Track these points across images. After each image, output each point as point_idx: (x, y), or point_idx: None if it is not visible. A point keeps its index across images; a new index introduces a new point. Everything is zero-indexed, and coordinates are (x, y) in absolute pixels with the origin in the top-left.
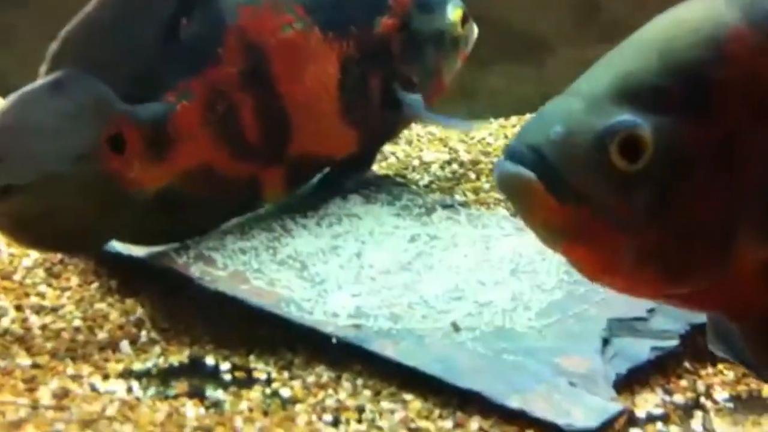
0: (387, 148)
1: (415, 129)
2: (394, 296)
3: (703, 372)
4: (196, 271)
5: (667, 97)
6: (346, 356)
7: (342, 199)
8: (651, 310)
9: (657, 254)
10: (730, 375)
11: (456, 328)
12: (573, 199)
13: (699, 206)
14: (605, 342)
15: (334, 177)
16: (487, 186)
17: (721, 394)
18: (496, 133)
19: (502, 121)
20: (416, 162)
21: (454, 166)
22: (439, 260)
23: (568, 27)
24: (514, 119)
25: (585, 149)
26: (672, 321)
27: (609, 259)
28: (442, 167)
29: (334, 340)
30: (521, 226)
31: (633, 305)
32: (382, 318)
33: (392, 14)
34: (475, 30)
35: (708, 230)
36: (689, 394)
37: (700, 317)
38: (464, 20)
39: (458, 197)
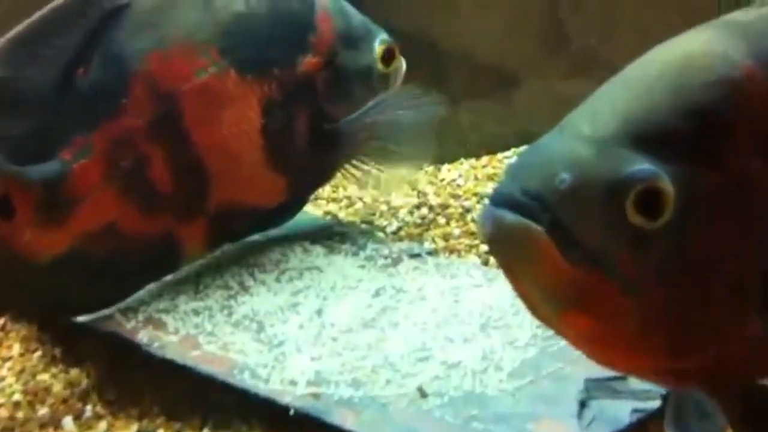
0: (354, 192)
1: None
2: (357, 358)
3: None
4: (144, 336)
5: (684, 141)
6: (305, 428)
7: (303, 251)
8: None
9: (668, 321)
10: None
11: (422, 393)
12: (585, 259)
13: (717, 265)
14: (582, 404)
15: (259, 225)
16: (457, 232)
17: None
18: (466, 175)
19: (473, 161)
20: (384, 207)
21: (423, 210)
22: (405, 316)
23: (535, 59)
24: (484, 159)
25: (597, 203)
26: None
27: (614, 329)
28: (410, 212)
29: (291, 412)
30: (492, 275)
31: None
32: (344, 384)
33: (315, 52)
34: (403, 65)
35: (725, 291)
36: None
37: None
38: (388, 55)
39: (427, 244)
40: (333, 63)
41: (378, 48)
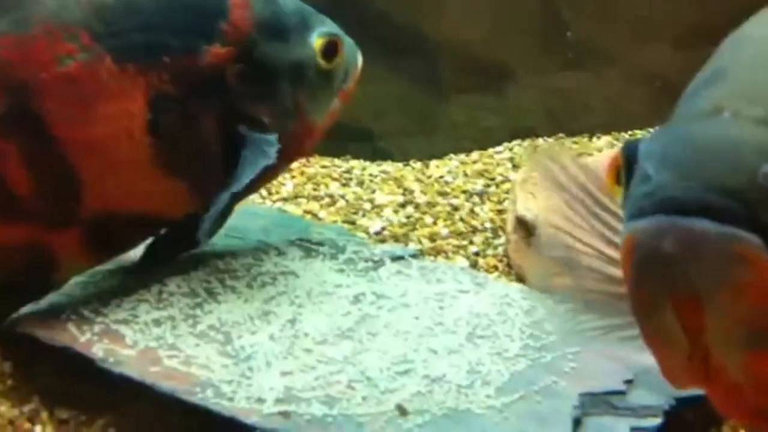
0: (336, 189)
1: (369, 168)
2: (332, 372)
3: None
4: (99, 350)
5: None
6: None
7: (278, 254)
8: (629, 382)
9: None
10: None
11: (402, 411)
12: None
13: None
14: (577, 422)
15: (166, 242)
16: (444, 231)
17: None
18: (455, 171)
19: (463, 157)
20: (367, 205)
21: (409, 209)
22: (386, 324)
23: (529, 52)
24: (475, 155)
25: None
26: (653, 394)
27: None
28: (395, 211)
29: None
30: (480, 280)
31: (608, 376)
32: (316, 402)
33: (225, 41)
34: (359, 62)
35: None
36: None
37: (685, 390)
38: (330, 50)
39: (412, 246)
40: (250, 55)
41: (317, 41)
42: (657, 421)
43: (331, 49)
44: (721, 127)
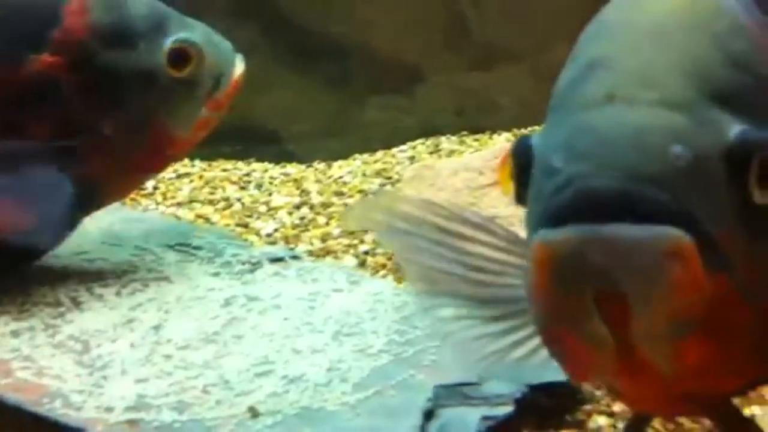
0: (233, 193)
1: (271, 171)
2: (189, 377)
3: None
4: None
5: (750, 95)
6: None
7: (155, 259)
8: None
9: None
10: None
11: (254, 413)
12: (722, 264)
13: None
14: (429, 415)
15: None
16: (336, 232)
17: None
18: (355, 171)
19: (366, 157)
20: (263, 208)
21: (304, 210)
22: (253, 327)
23: (439, 53)
24: (379, 154)
25: (718, 183)
26: (506, 383)
27: (729, 352)
28: (290, 212)
29: None
30: (357, 278)
31: (464, 368)
32: (167, 408)
33: (56, 50)
34: (237, 68)
35: None
36: None
37: (538, 377)
38: (179, 58)
39: (302, 246)
40: (89, 64)
41: (167, 49)
42: (508, 408)
43: (179, 57)
44: (622, 113)
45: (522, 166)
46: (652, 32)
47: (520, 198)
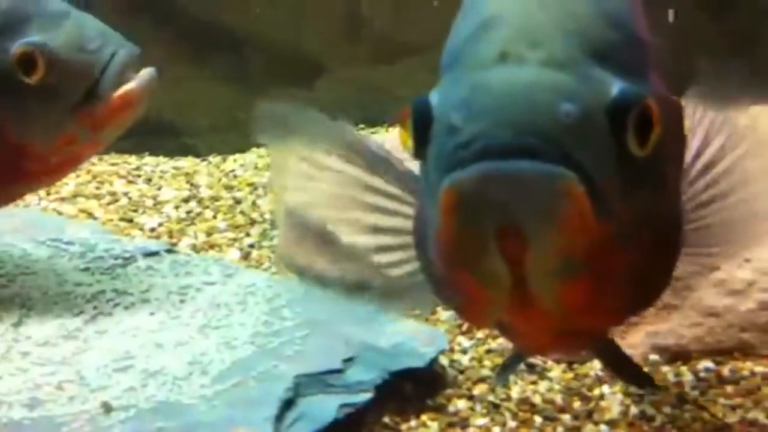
0: (120, 187)
1: (161, 165)
2: (44, 374)
3: (404, 426)
4: None
5: (630, 54)
6: None
7: (23, 254)
8: (349, 360)
9: (638, 269)
10: (433, 427)
11: (107, 408)
12: (607, 209)
13: (672, 199)
14: (289, 404)
15: None
16: (223, 225)
17: None
18: (248, 164)
19: (262, 150)
20: (150, 202)
21: (192, 203)
22: (117, 322)
23: (335, 44)
24: None
25: (603, 134)
26: (369, 370)
27: (607, 291)
28: (177, 206)
29: None
30: (232, 271)
31: (328, 357)
32: (18, 405)
33: None
34: (129, 84)
35: (674, 230)
36: None
37: (400, 363)
38: (26, 63)
39: (186, 240)
40: None
41: (13, 53)
42: (368, 396)
43: (27, 62)
44: (514, 73)
45: (421, 123)
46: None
47: (418, 153)
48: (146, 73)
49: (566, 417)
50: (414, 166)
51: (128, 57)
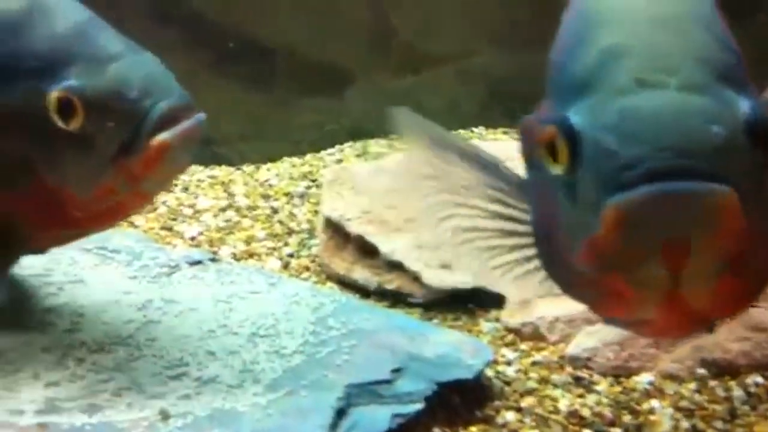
0: (158, 196)
1: (197, 174)
2: (101, 380)
3: None
4: None
5: (738, 73)
6: None
7: (71, 262)
8: (397, 370)
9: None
10: None
11: (165, 415)
12: (749, 215)
13: None
14: (341, 413)
15: None
16: (261, 234)
17: None
18: (282, 174)
19: (295, 159)
20: (188, 210)
21: (230, 213)
22: (168, 330)
23: (364, 56)
24: (308, 157)
25: (742, 149)
26: (418, 381)
27: (749, 284)
28: (215, 215)
29: None
30: (275, 281)
31: (376, 367)
32: (78, 411)
33: None
34: (165, 134)
35: None
36: None
37: (448, 375)
38: (68, 109)
39: (226, 249)
40: None
41: (51, 96)
42: (418, 406)
43: (66, 107)
44: (660, 98)
45: (572, 145)
46: (656, 19)
47: (569, 171)
48: (188, 123)
49: (616, 431)
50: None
51: (171, 107)
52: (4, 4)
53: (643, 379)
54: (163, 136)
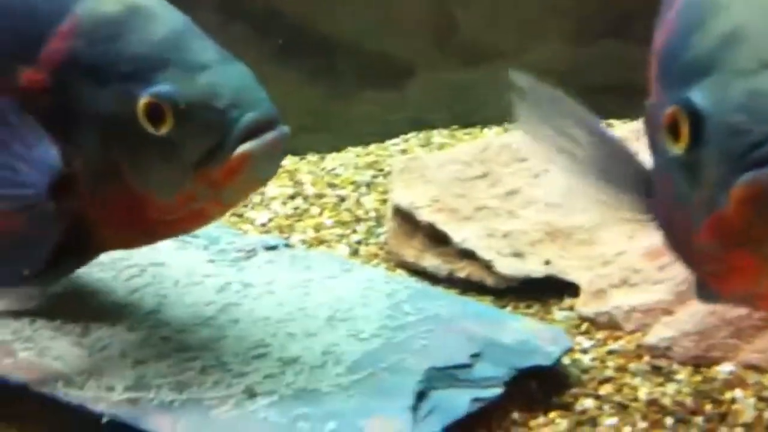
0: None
1: None
2: (186, 359)
3: (532, 423)
4: None
5: None
6: None
7: (150, 246)
8: (475, 355)
9: None
10: (563, 425)
11: (251, 393)
12: None
13: None
14: (421, 396)
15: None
16: (329, 222)
17: None
18: (347, 163)
19: (359, 149)
20: (257, 198)
21: (298, 201)
22: (248, 312)
23: (427, 50)
24: (371, 147)
25: None
26: (496, 366)
27: None
28: (284, 203)
29: (104, 420)
30: (349, 267)
31: (455, 352)
32: (166, 388)
33: (39, 68)
34: (248, 144)
35: None
36: None
37: (527, 361)
38: (154, 114)
39: (296, 236)
40: (61, 90)
41: (141, 100)
42: (497, 391)
43: (155, 112)
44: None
45: (696, 125)
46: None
47: (692, 150)
48: (272, 135)
49: (699, 419)
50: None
51: (257, 119)
52: (106, 7)
53: (724, 369)
54: (246, 147)
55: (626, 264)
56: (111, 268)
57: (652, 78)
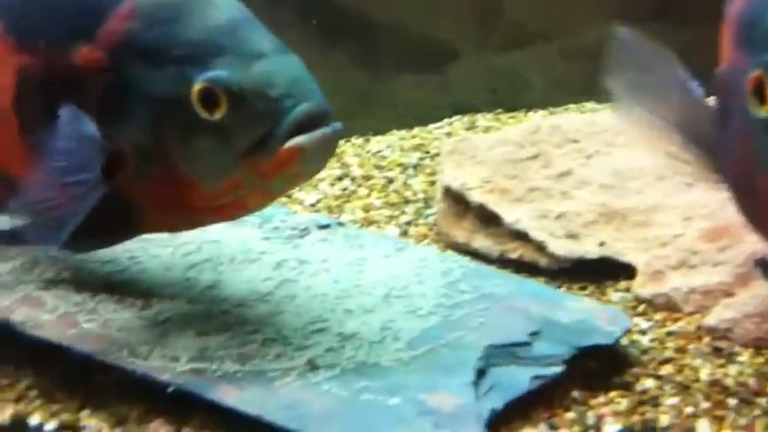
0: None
1: None
2: (247, 332)
3: (593, 401)
4: (18, 315)
5: None
6: (186, 407)
7: None
8: (534, 334)
9: None
10: (623, 404)
11: (313, 366)
12: None
13: None
14: (481, 373)
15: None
16: (378, 203)
17: (612, 426)
18: (393, 146)
19: (403, 133)
20: None
21: (346, 182)
22: (305, 288)
23: (470, 33)
24: (415, 130)
25: None
26: (556, 345)
27: None
28: (332, 184)
29: (170, 389)
30: (401, 246)
31: (513, 330)
32: (229, 360)
33: (96, 46)
34: (303, 139)
35: None
36: (576, 428)
37: (587, 340)
38: (208, 99)
39: (345, 216)
40: (117, 70)
41: (196, 85)
42: (558, 369)
43: (209, 97)
44: None
45: None
46: None
47: None
48: (325, 130)
49: (762, 400)
50: None
51: (310, 111)
52: None
53: None
54: (298, 140)
55: (684, 245)
56: (168, 245)
57: (727, 45)
